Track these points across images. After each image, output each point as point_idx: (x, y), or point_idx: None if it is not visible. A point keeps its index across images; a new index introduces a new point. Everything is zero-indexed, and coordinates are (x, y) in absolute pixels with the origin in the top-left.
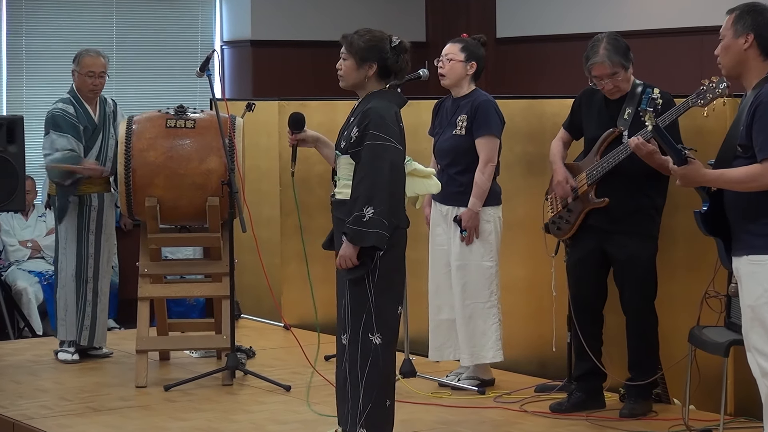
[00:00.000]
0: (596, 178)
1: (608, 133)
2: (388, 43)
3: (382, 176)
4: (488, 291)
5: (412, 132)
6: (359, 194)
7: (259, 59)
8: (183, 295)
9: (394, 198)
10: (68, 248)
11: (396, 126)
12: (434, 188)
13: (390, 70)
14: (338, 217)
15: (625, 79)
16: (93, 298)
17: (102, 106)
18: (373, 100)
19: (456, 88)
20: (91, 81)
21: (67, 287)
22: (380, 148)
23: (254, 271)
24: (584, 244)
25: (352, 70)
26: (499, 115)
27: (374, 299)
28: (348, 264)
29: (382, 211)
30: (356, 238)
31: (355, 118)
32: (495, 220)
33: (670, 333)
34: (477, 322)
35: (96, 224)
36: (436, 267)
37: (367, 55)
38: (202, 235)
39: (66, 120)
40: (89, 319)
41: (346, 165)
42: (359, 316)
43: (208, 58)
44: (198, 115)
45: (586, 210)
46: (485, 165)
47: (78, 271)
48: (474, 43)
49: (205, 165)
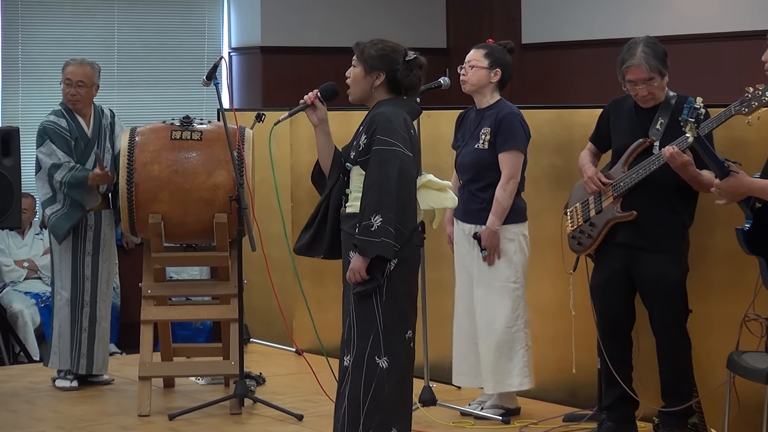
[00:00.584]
0: (623, 190)
1: (638, 143)
2: (402, 56)
3: (389, 183)
4: (515, 314)
5: (432, 144)
6: (367, 203)
7: (269, 67)
8: (188, 318)
9: (403, 206)
10: (63, 271)
11: (405, 132)
12: (450, 202)
13: (399, 83)
14: (347, 232)
15: (660, 86)
16: (90, 324)
17: (97, 118)
18: (382, 106)
19: (478, 96)
20: (68, 90)
21: (61, 313)
22: (388, 154)
23: (264, 292)
24: (609, 262)
25: (360, 78)
26: (524, 128)
27: (382, 319)
28: (357, 277)
29: (390, 219)
30: (365, 248)
31: (363, 127)
32: (520, 238)
33: (707, 358)
34: (502, 348)
35: (93, 245)
36: (462, 288)
37: (377, 64)
38: (209, 254)
39: (58, 134)
40: (85, 347)
41: (358, 176)
42: (365, 337)
43: (216, 65)
44: (205, 127)
45: (611, 224)
46: (507, 181)
47: (73, 296)
48: (499, 49)
49: (212, 179)
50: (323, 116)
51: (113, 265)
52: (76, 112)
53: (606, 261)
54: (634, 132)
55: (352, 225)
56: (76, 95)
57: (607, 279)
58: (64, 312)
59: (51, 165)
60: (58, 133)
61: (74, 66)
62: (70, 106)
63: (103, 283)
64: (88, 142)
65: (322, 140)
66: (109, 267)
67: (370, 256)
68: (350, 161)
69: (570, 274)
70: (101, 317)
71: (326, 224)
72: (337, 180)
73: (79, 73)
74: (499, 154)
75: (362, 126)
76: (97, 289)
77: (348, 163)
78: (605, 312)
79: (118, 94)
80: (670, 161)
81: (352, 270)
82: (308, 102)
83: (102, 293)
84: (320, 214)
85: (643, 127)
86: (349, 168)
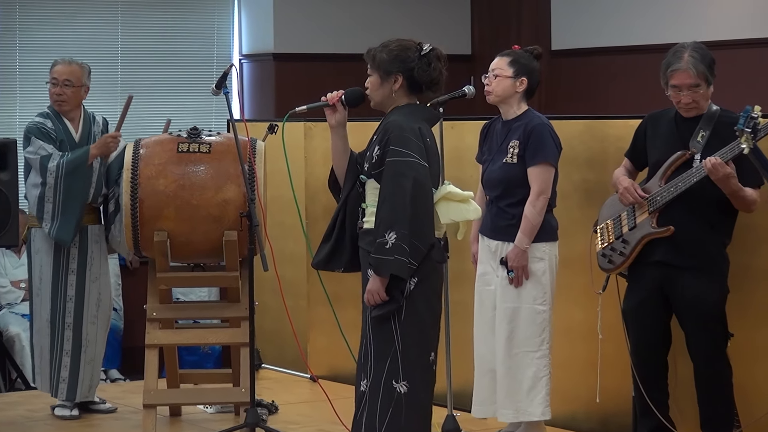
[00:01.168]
0: (660, 204)
1: (677, 155)
2: (416, 51)
3: (403, 196)
4: (539, 338)
5: (456, 157)
6: (381, 218)
7: (282, 74)
8: (196, 342)
9: (419, 220)
10: (43, 290)
11: (420, 140)
12: (473, 214)
13: (418, 81)
14: (364, 249)
15: (705, 95)
16: (74, 348)
17: (87, 124)
18: (395, 114)
19: (504, 106)
20: (54, 90)
21: (41, 333)
22: (401, 165)
23: (277, 315)
24: (644, 282)
25: (378, 85)
26: (555, 140)
27: (401, 341)
28: (375, 299)
29: (404, 235)
30: (379, 267)
31: (377, 136)
32: (550, 258)
33: (750, 385)
34: (526, 373)
35: (78, 262)
36: (482, 310)
37: (391, 68)
38: (219, 274)
39: (43, 132)
40: (67, 371)
41: (373, 190)
42: (383, 360)
43: (226, 73)
44: (214, 138)
45: (645, 240)
46: (537, 197)
47: (53, 317)
48: (525, 55)
49: (221, 194)
50: (342, 120)
51: (106, 285)
52: (63, 115)
53: (640, 281)
54: (673, 145)
55: (369, 242)
56: (62, 95)
57: (641, 300)
58: (44, 332)
59: (42, 156)
60: (43, 131)
61: (61, 65)
62: (56, 107)
63: (92, 305)
64: (75, 146)
65: (337, 143)
66: (100, 287)
67: (384, 276)
68: (364, 173)
69: (599, 294)
70: (89, 341)
71: (345, 236)
72: (353, 186)
73: (65, 72)
74: (528, 168)
75: (375, 135)
76: (83, 311)
77: (362, 175)
78: (639, 335)
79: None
80: (712, 173)
81: (370, 291)
82: (330, 102)
83: (89, 315)
84: (338, 226)
85: (683, 140)
86: (363, 180)
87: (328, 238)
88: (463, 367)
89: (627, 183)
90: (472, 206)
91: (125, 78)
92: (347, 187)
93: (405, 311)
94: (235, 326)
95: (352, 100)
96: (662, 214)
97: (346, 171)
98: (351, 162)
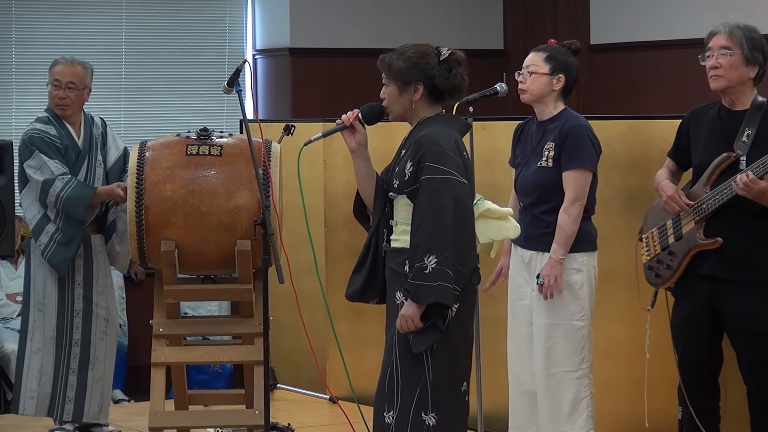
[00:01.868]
0: (706, 213)
1: (722, 158)
2: (435, 57)
3: (443, 217)
4: (579, 357)
5: (487, 161)
6: (419, 241)
7: (299, 71)
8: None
9: (461, 242)
10: (48, 305)
11: (458, 155)
12: (512, 232)
13: (440, 89)
14: (393, 269)
15: (735, 66)
16: (81, 366)
17: (87, 128)
18: (427, 126)
19: (539, 106)
20: (56, 93)
21: (44, 351)
22: (440, 183)
23: (293, 331)
24: (691, 297)
25: (396, 98)
26: (594, 143)
27: (432, 371)
28: (410, 326)
29: (446, 259)
30: (420, 294)
31: (407, 150)
32: (588, 270)
33: None
34: (564, 395)
35: (84, 275)
36: (517, 327)
37: (410, 77)
38: (230, 287)
39: (48, 143)
40: (73, 391)
41: (405, 207)
42: (411, 391)
43: (238, 70)
44: (225, 140)
45: (693, 253)
46: (571, 204)
47: (60, 334)
48: (562, 51)
49: (233, 201)
50: (362, 140)
51: (112, 299)
52: (65, 119)
53: (688, 296)
54: (717, 145)
55: (400, 262)
56: (66, 99)
57: (688, 317)
58: (48, 350)
59: (43, 181)
60: (48, 142)
61: (63, 65)
62: (58, 111)
63: (100, 320)
64: (79, 153)
65: (361, 167)
66: (106, 301)
67: (425, 303)
68: (393, 190)
69: (647, 311)
70: (97, 358)
71: (378, 264)
72: (383, 212)
73: (69, 74)
74: (564, 173)
75: (405, 150)
76: (91, 327)
77: (391, 192)
78: (687, 354)
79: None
80: (746, 192)
81: (404, 317)
82: (347, 123)
83: (98, 331)
84: (371, 255)
85: (727, 139)
86: (393, 197)
87: (360, 269)
88: (495, 388)
89: (671, 191)
90: (511, 224)
91: (129, 76)
92: (378, 212)
93: (438, 339)
94: (248, 343)
95: (370, 117)
96: (709, 222)
97: (374, 195)
98: (378, 184)
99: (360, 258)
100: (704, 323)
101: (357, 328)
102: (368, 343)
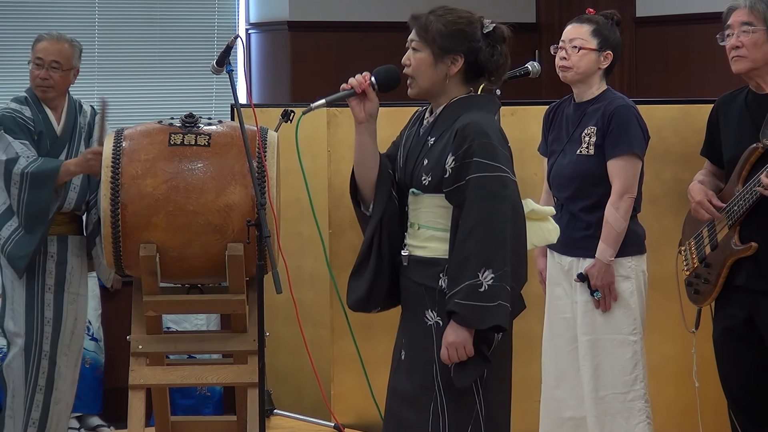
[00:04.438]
0: (739, 215)
1: (750, 150)
2: (480, 28)
3: (502, 225)
4: (631, 376)
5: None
6: (469, 253)
7: (299, 48)
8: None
9: (519, 254)
10: (17, 311)
11: (505, 147)
12: (554, 235)
13: (482, 67)
14: (419, 283)
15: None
16: (47, 383)
17: (71, 113)
18: (464, 110)
19: (582, 86)
20: (38, 73)
21: (13, 364)
22: (493, 183)
23: (293, 348)
24: (729, 310)
25: (427, 67)
26: (641, 126)
27: (484, 404)
28: (462, 356)
29: (505, 274)
30: (475, 317)
31: (440, 139)
32: (638, 276)
33: None
34: (617, 421)
35: (56, 278)
36: (558, 344)
37: (451, 45)
38: (220, 298)
39: (18, 123)
40: (38, 412)
41: (433, 209)
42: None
43: (229, 47)
44: (214, 128)
45: (730, 262)
46: (620, 197)
47: (28, 344)
48: (607, 24)
49: (223, 198)
50: (374, 111)
51: (82, 309)
52: (46, 103)
53: (726, 308)
54: (745, 135)
55: (431, 275)
56: (48, 80)
57: (727, 331)
58: (17, 363)
59: (6, 160)
60: (18, 122)
61: (48, 41)
62: (39, 93)
63: (67, 332)
64: (56, 140)
65: (366, 143)
66: (77, 310)
67: (485, 327)
68: (420, 187)
69: (692, 333)
70: (60, 376)
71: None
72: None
73: (53, 51)
74: (609, 161)
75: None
76: (59, 338)
77: (415, 188)
78: (730, 374)
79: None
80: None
81: (454, 345)
82: (357, 89)
83: (65, 344)
84: (374, 254)
85: (757, 128)
86: (416, 194)
87: (362, 270)
88: (525, 414)
89: (699, 195)
90: (552, 226)
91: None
92: (381, 202)
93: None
94: (241, 362)
95: (386, 82)
96: (744, 226)
97: (376, 180)
98: (382, 169)
99: (360, 258)
100: (745, 338)
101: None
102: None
